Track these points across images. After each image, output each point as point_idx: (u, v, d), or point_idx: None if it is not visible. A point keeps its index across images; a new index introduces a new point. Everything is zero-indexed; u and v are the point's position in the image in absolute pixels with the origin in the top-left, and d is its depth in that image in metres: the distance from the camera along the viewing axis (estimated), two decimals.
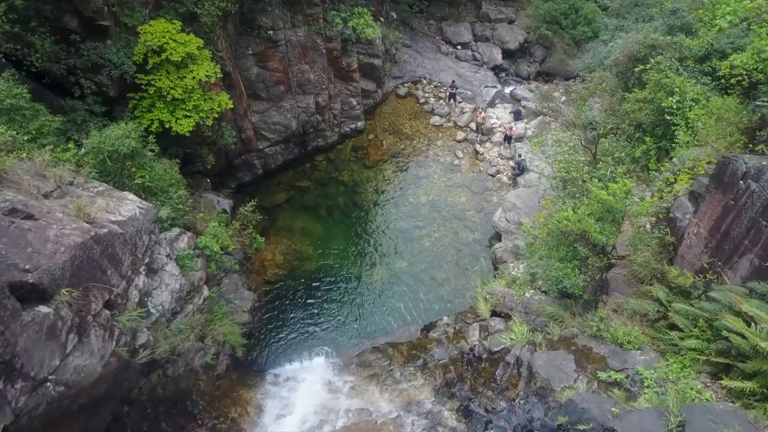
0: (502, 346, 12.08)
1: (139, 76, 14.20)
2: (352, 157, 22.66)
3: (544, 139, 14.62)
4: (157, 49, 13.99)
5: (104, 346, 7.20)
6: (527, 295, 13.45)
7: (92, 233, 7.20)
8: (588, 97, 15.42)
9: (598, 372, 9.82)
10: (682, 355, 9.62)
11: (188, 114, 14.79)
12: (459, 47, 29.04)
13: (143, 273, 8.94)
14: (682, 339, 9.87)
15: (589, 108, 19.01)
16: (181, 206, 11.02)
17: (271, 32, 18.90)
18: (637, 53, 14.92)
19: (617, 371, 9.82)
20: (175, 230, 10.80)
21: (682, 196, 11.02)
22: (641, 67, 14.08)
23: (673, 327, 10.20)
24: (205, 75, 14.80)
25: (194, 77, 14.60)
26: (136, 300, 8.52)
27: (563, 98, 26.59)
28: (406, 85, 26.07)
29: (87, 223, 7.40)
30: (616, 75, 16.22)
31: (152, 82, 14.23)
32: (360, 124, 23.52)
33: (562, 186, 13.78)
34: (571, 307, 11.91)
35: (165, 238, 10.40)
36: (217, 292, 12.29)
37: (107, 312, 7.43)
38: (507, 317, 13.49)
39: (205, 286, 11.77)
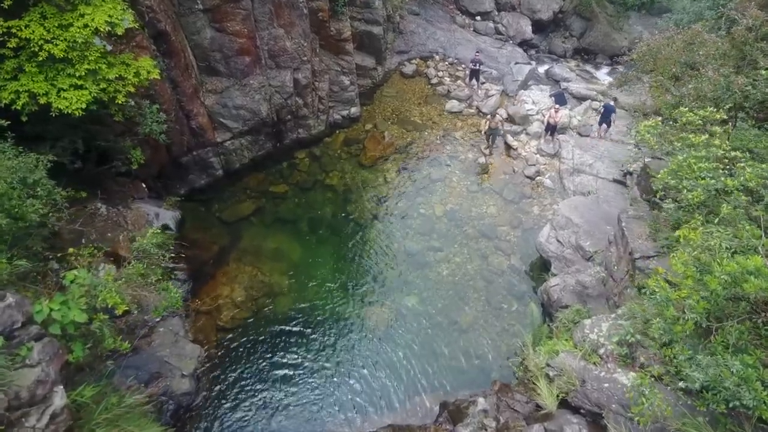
0: None
1: None
2: (343, 154, 17.72)
3: (658, 122, 9.23)
4: None
5: None
6: (618, 373, 8.13)
7: None
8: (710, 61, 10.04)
9: None
10: None
11: (79, 84, 9.46)
12: (478, 18, 23.71)
13: None
14: None
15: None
16: None
17: None
18: None
19: None
20: None
21: None
22: None
23: None
24: (106, 22, 9.45)
25: (86, 25, 9.24)
26: None
27: (608, 80, 21.69)
28: (413, 61, 20.87)
29: None
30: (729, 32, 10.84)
31: (15, 31, 8.89)
32: (354, 110, 18.54)
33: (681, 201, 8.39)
34: (726, 422, 6.53)
35: None
36: (94, 389, 6.90)
37: None
38: (592, 417, 8.13)
39: (61, 387, 6.39)
